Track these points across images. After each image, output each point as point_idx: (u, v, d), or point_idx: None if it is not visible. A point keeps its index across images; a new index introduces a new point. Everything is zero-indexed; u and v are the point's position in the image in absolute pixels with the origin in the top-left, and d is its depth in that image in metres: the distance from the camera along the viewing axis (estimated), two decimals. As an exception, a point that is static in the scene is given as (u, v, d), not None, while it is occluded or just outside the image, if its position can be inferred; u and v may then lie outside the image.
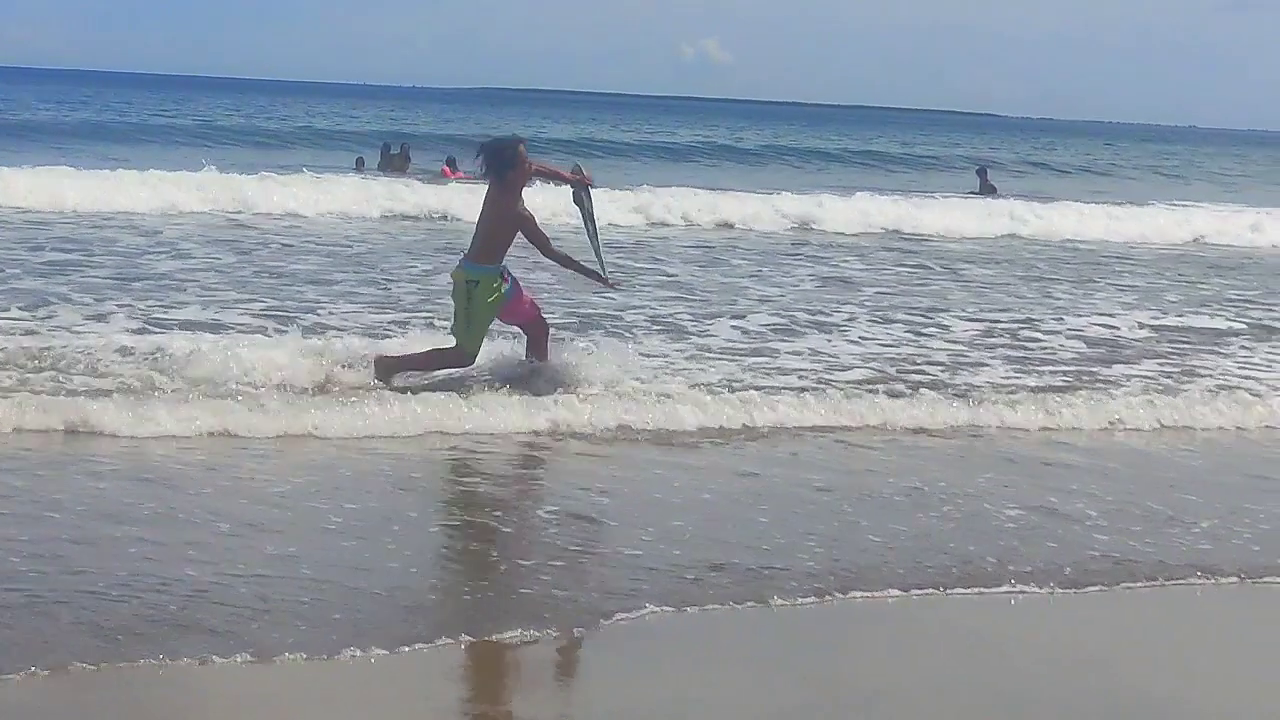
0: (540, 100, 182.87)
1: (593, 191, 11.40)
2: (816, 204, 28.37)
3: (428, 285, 16.28)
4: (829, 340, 13.87)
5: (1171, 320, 16.46)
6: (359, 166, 36.64)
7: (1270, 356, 14.36)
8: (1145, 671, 6.44)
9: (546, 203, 15.01)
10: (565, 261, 11.01)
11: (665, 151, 56.81)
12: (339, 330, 12.73)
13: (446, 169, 34.40)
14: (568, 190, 11.43)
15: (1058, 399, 11.44)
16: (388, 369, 10.63)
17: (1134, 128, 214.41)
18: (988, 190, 37.95)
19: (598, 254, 11.33)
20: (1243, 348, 14.79)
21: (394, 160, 37.28)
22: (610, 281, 11.50)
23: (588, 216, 11.33)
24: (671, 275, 18.70)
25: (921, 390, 11.58)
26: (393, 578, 6.88)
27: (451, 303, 10.90)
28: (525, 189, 10.88)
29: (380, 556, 7.19)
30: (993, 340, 14.35)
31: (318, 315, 13.68)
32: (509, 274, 10.82)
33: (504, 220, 10.68)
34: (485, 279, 10.63)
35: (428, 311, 14.16)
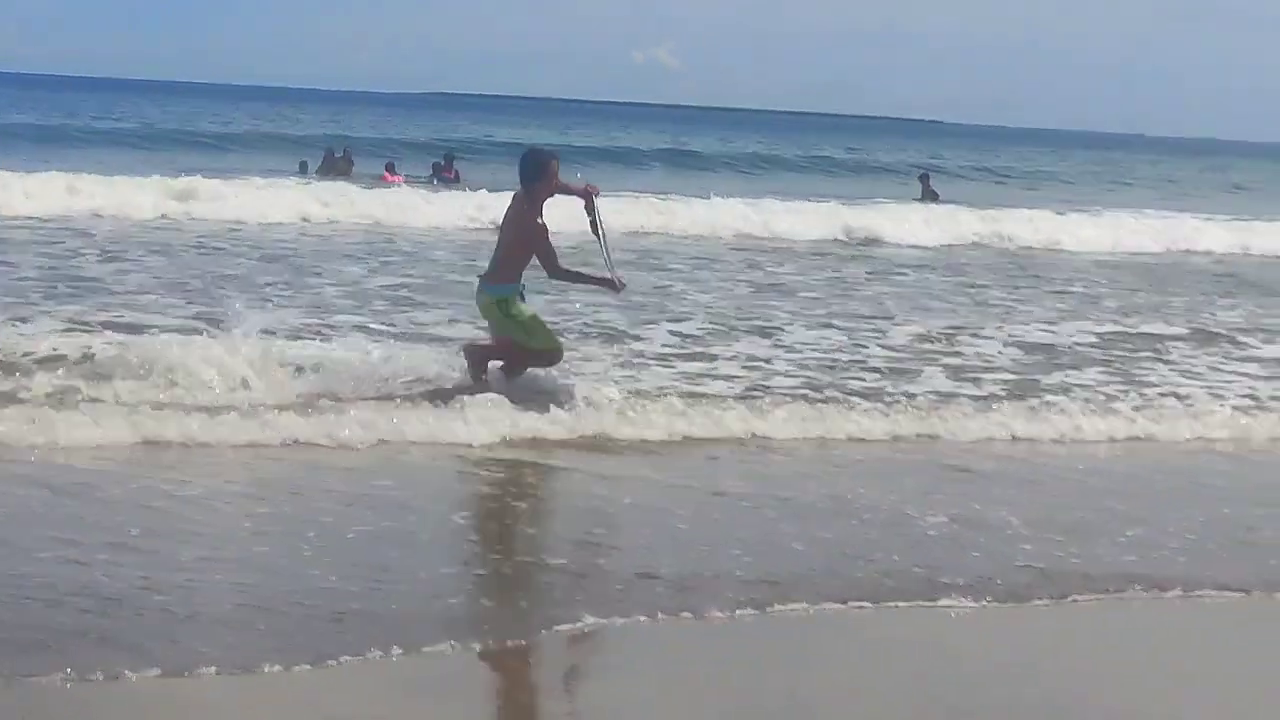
0: (490, 105, 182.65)
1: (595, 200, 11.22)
2: (757, 209, 28.31)
3: (358, 289, 16.19)
4: (764, 346, 13.76)
5: (1110, 327, 16.37)
6: (302, 170, 36.57)
7: (1211, 363, 14.28)
8: (1080, 686, 6.32)
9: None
10: (574, 277, 11.07)
11: (613, 156, 56.75)
12: (270, 334, 12.56)
13: (386, 173, 34.40)
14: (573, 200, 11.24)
15: (996, 407, 11.39)
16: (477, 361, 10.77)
17: (1082, 135, 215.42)
18: (930, 196, 38.07)
19: (608, 259, 11.13)
20: (1186, 356, 14.65)
21: (337, 164, 37.26)
22: (619, 285, 11.22)
23: (597, 224, 11.14)
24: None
25: (854, 399, 11.47)
26: (316, 587, 6.72)
27: (485, 322, 10.95)
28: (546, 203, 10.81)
29: (301, 565, 7.04)
30: (929, 347, 14.26)
31: (247, 318, 13.46)
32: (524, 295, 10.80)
33: (524, 232, 10.63)
34: (509, 297, 10.65)
35: (356, 316, 14.05)
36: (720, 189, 33.85)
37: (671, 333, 14.26)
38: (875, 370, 12.84)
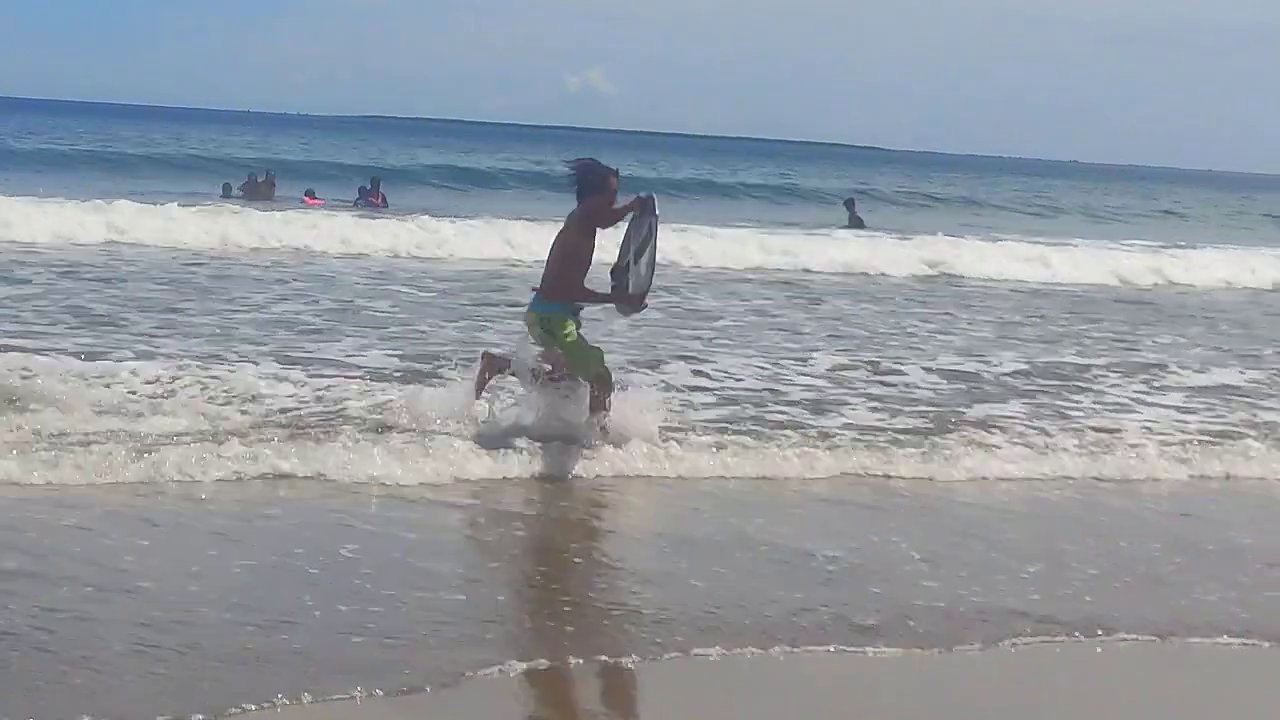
0: (424, 129, 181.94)
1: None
2: (681, 236, 28.03)
3: (264, 314, 15.91)
4: (687, 374, 13.48)
5: (1034, 358, 16.12)
6: (225, 192, 36.28)
7: (1137, 395, 14.00)
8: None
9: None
10: (593, 298, 10.38)
11: (547, 181, 56.55)
12: (171, 356, 12.43)
13: (307, 198, 34.16)
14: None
15: (904, 440, 11.12)
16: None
17: (1016, 162, 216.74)
18: (856, 223, 38.02)
19: (642, 270, 10.35)
20: (1112, 386, 14.34)
21: (260, 187, 36.97)
22: (640, 301, 10.45)
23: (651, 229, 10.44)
24: (521, 304, 18.36)
25: (780, 432, 11.11)
26: (205, 631, 6.42)
27: (533, 339, 10.39)
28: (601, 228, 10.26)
29: (187, 606, 6.74)
30: (851, 375, 14.01)
31: (149, 345, 13.25)
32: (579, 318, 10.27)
33: (574, 248, 10.14)
34: (558, 314, 10.15)
35: (264, 344, 13.73)
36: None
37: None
38: (795, 403, 12.48)
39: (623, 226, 10.31)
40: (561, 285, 10.12)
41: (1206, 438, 11.98)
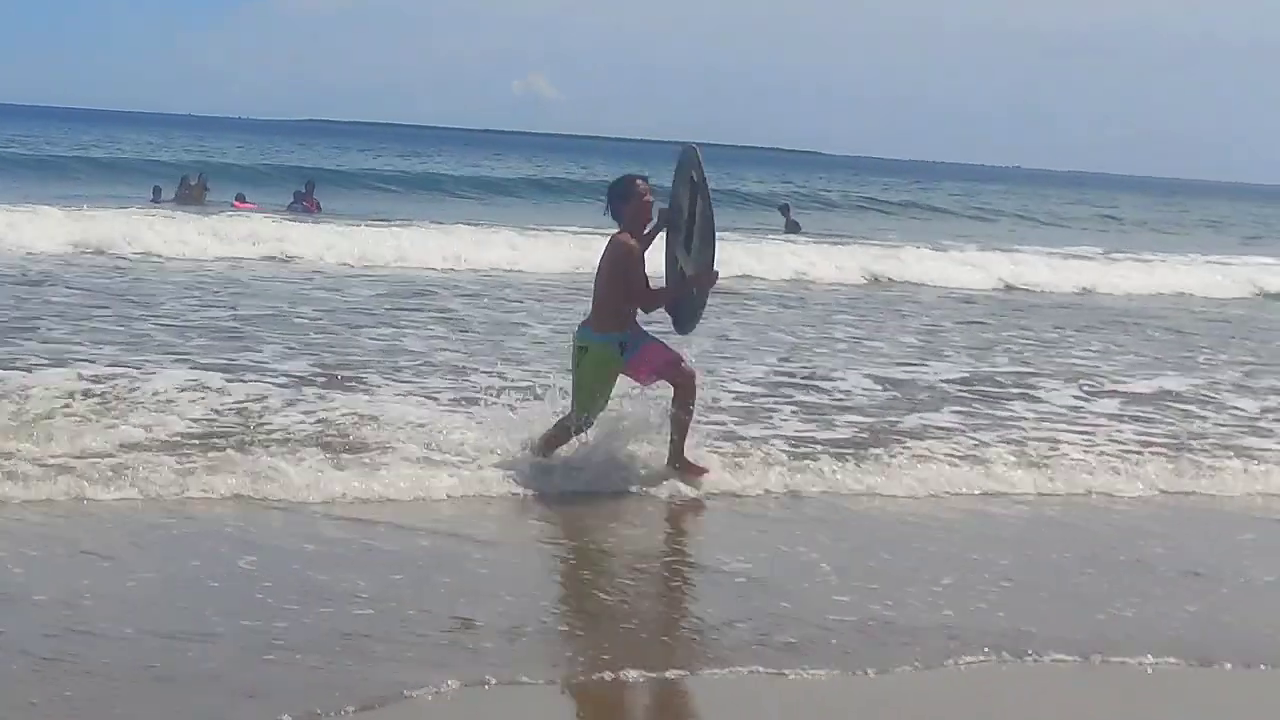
0: (367, 133, 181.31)
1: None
2: (588, 247, 27.69)
3: (182, 321, 15.62)
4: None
5: (967, 365, 15.99)
6: (156, 196, 35.91)
7: (1074, 404, 13.78)
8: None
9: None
10: (660, 297, 9.90)
11: (484, 185, 56.36)
12: (81, 365, 12.19)
13: (237, 202, 33.86)
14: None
15: (830, 451, 10.83)
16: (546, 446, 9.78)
17: (960, 168, 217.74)
18: (792, 228, 37.93)
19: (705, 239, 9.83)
20: (1042, 396, 14.08)
21: (192, 191, 36.58)
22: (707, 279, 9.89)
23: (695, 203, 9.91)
24: (450, 310, 18.23)
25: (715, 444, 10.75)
26: (118, 652, 6.20)
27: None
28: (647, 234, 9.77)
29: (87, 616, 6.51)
30: (783, 381, 13.80)
31: (57, 353, 12.93)
32: (631, 343, 9.71)
33: (615, 267, 9.61)
34: (596, 348, 9.65)
35: (180, 351, 13.45)
36: (585, 221, 33.38)
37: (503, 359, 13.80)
38: (724, 410, 12.15)
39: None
40: (607, 313, 9.68)
41: (1136, 449, 11.76)
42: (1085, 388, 14.63)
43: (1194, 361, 17.71)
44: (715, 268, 9.78)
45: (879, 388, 13.86)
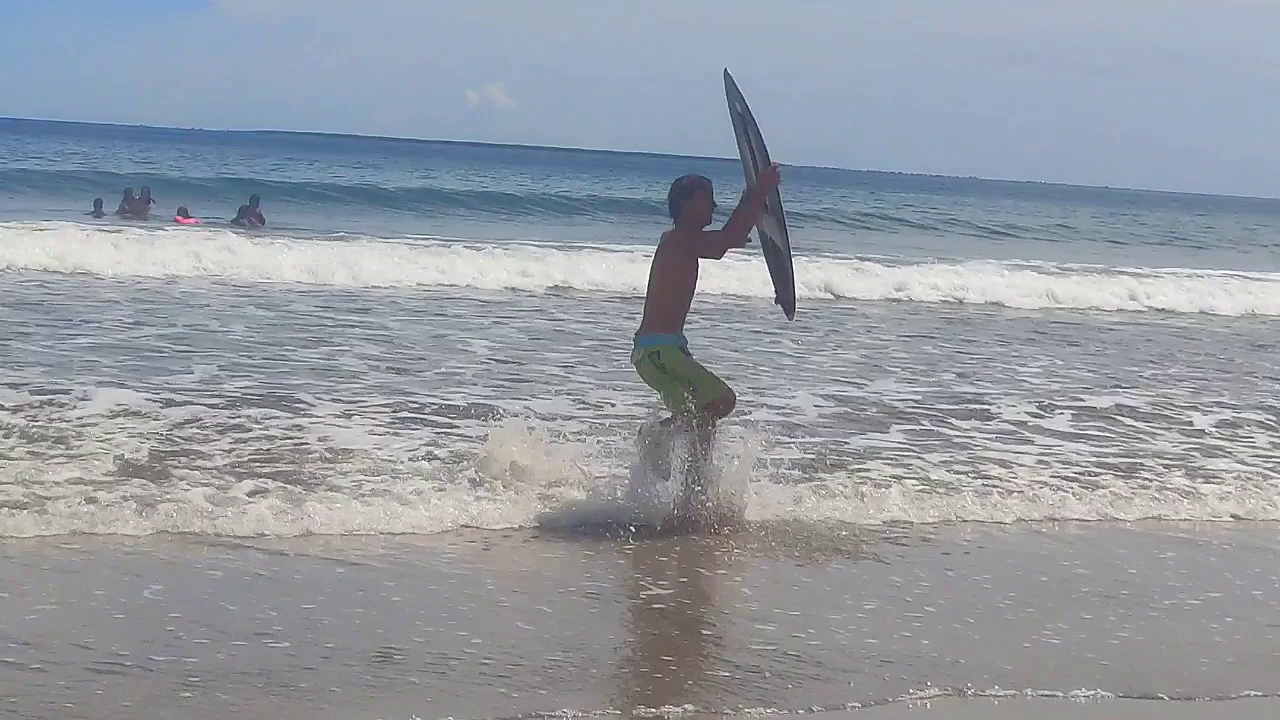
0: (319, 144, 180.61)
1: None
2: (556, 258, 27.56)
3: (111, 340, 15.34)
4: (566, 403, 12.96)
5: (915, 381, 15.83)
6: (97, 210, 35.56)
7: (1013, 422, 13.59)
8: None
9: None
10: (735, 226, 9.32)
11: (435, 198, 56.12)
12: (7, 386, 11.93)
13: (179, 217, 33.56)
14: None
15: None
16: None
17: (915, 179, 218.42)
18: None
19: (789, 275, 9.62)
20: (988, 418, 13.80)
21: (135, 205, 36.28)
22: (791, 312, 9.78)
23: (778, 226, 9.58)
24: (388, 328, 18.01)
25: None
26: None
27: (652, 389, 9.56)
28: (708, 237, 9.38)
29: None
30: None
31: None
32: (688, 350, 9.38)
33: (676, 269, 9.29)
34: (666, 349, 9.23)
35: (107, 373, 13.17)
36: (535, 234, 33.38)
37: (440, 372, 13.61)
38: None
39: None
40: (663, 315, 9.31)
41: (1081, 471, 11.62)
42: (1043, 404, 14.51)
43: (1140, 378, 17.63)
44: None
45: (827, 405, 13.70)
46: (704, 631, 7.36)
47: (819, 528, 9.54)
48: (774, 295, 9.88)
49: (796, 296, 9.79)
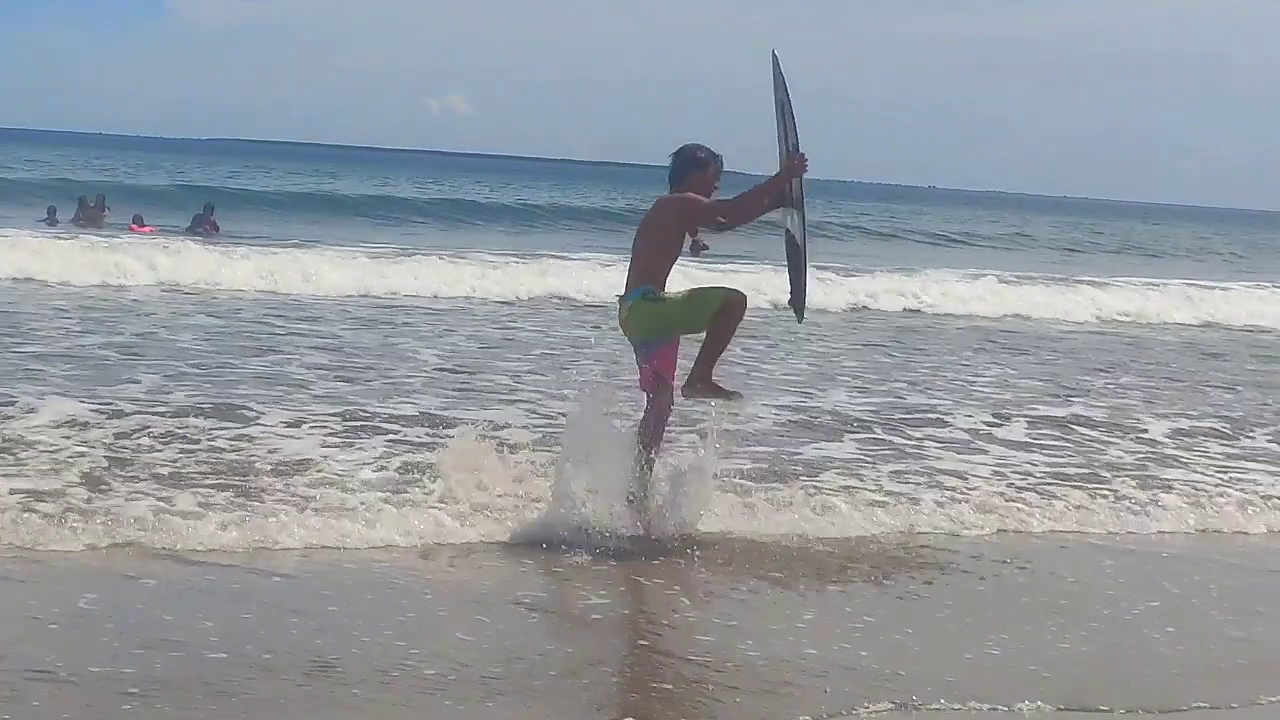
0: (280, 152, 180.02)
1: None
2: (510, 267, 27.43)
3: (55, 349, 15.21)
4: (512, 413, 12.82)
5: (865, 390, 15.79)
6: (51, 218, 35.27)
7: (982, 426, 13.67)
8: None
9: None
10: (755, 200, 9.17)
11: (397, 205, 55.96)
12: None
13: (134, 225, 33.36)
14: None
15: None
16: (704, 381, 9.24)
17: (874, 188, 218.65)
18: (697, 248, 37.74)
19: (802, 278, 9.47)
20: (951, 422, 13.87)
21: (90, 213, 36.02)
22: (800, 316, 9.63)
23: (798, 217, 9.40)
24: (338, 337, 17.94)
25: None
26: None
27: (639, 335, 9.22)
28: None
29: None
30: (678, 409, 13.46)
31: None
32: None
33: (667, 232, 9.13)
34: (649, 292, 9.07)
35: (50, 383, 13.04)
36: (492, 242, 33.26)
37: (388, 382, 13.46)
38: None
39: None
40: (649, 274, 9.13)
41: (1031, 482, 11.58)
42: (999, 413, 14.50)
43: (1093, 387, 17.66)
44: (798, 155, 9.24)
45: (779, 414, 13.65)
46: (642, 642, 7.31)
47: (762, 538, 9.49)
48: (788, 296, 9.69)
49: (807, 302, 9.65)
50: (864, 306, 27.30)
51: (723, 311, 9.16)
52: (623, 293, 9.29)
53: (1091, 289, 32.31)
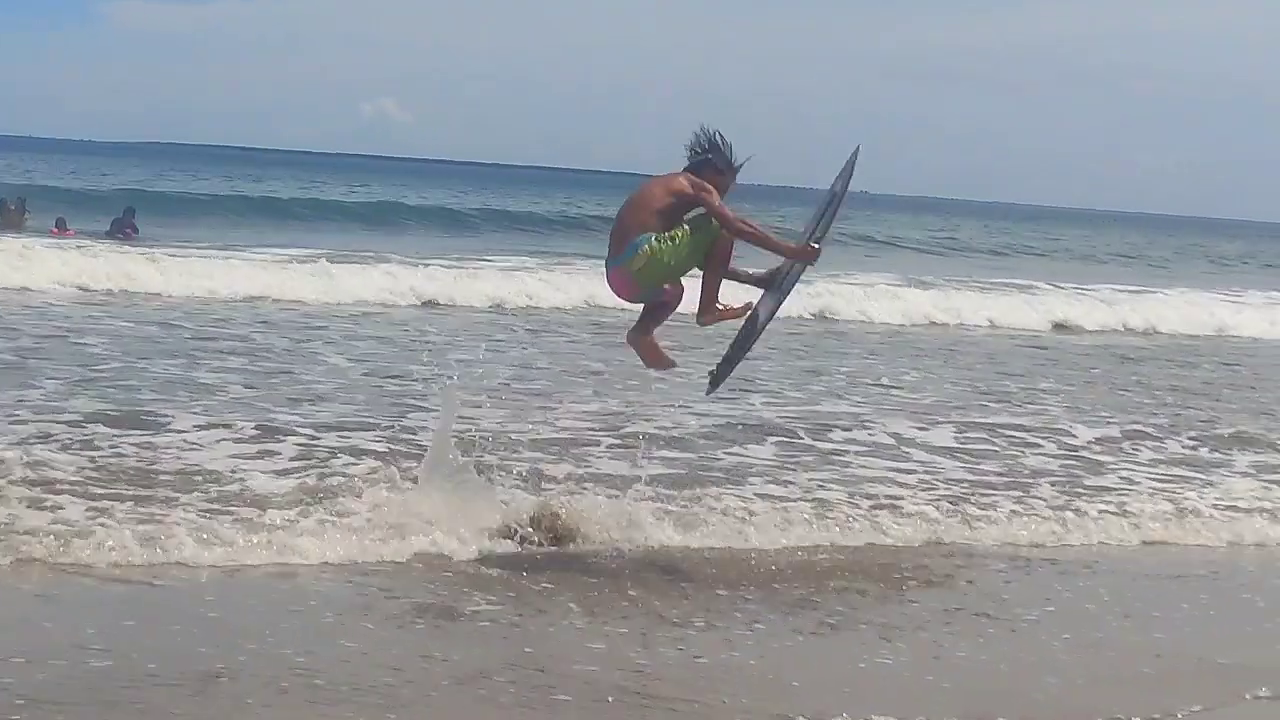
0: (213, 156, 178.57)
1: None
2: (430, 271, 27.17)
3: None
4: (409, 418, 12.66)
5: (784, 394, 15.71)
6: (-32, 221, 34.79)
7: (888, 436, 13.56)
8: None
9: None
10: (754, 235, 8.94)
11: (318, 208, 55.59)
12: None
13: (56, 228, 32.98)
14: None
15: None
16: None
17: (805, 192, 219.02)
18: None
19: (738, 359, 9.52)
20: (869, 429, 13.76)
21: (10, 215, 35.55)
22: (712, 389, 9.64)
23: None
24: (250, 340, 17.81)
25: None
26: None
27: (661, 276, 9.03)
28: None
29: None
30: (598, 416, 13.43)
31: None
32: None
33: (669, 197, 8.91)
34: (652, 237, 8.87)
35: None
36: (418, 246, 33.03)
37: (290, 398, 13.31)
38: (539, 445, 11.84)
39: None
40: (651, 227, 8.91)
41: (939, 489, 11.54)
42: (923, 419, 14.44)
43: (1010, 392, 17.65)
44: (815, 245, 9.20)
45: (701, 421, 13.54)
46: (527, 650, 7.21)
47: (663, 543, 9.44)
48: (715, 365, 9.65)
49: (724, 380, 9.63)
50: (786, 313, 26.99)
51: (718, 243, 9.03)
52: (626, 243, 8.99)
53: (1018, 294, 32.38)
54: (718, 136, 9.08)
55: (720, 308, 9.24)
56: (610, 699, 6.60)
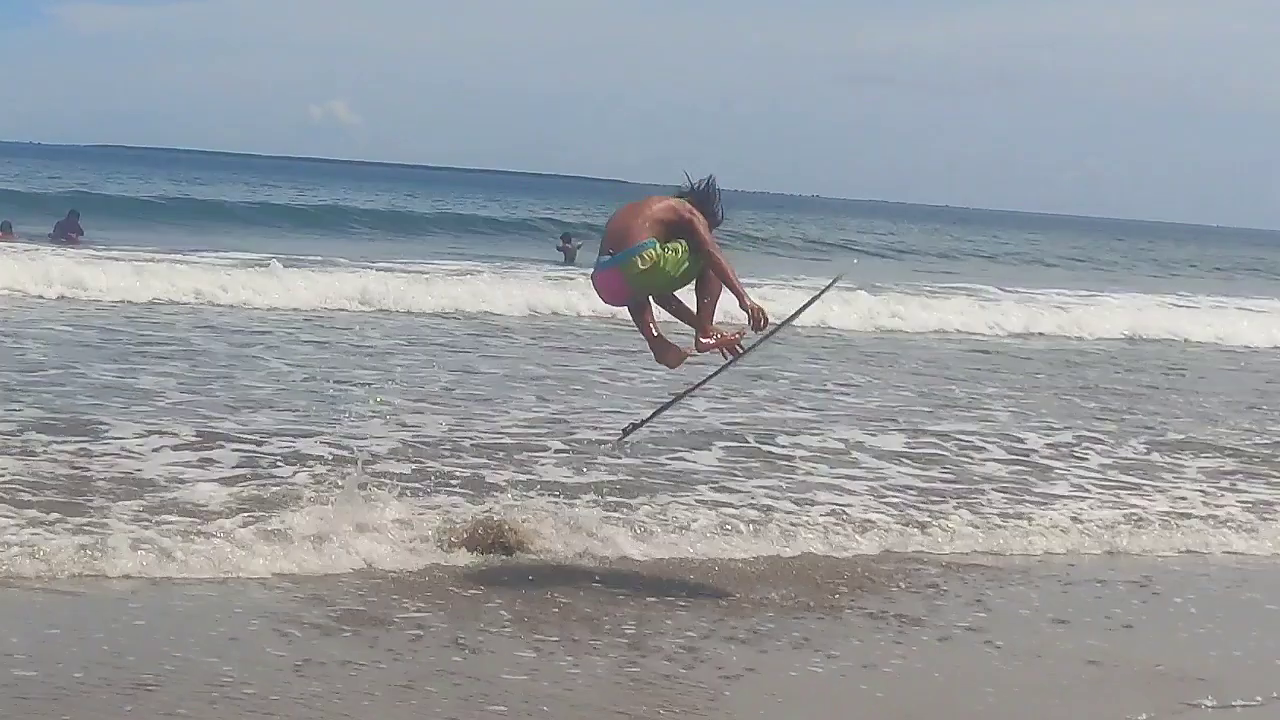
0: (161, 159, 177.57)
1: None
2: (373, 275, 27.04)
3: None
4: (350, 425, 12.49)
5: (722, 404, 15.55)
6: (-91, 227, 34.37)
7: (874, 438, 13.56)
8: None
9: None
10: (724, 271, 9.09)
11: (281, 214, 55.35)
12: None
13: (0, 232, 32.70)
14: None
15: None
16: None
17: (758, 197, 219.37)
18: (570, 258, 37.74)
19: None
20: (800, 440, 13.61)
21: (-47, 220, 35.13)
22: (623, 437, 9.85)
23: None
24: (190, 344, 17.67)
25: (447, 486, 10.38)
26: None
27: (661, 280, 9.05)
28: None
29: None
30: (543, 422, 13.35)
31: None
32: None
33: (661, 215, 9.01)
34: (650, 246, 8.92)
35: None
36: (364, 250, 32.88)
37: (229, 404, 13.20)
38: (479, 449, 11.81)
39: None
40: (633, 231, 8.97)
41: (888, 497, 11.48)
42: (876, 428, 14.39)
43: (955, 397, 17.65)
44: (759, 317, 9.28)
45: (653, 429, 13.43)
46: (457, 659, 7.16)
47: (600, 553, 9.38)
48: (640, 419, 9.77)
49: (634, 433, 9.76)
50: (730, 318, 26.89)
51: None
52: (626, 247, 8.99)
53: (965, 299, 32.35)
54: (715, 187, 9.30)
55: (719, 335, 9.38)
56: (545, 708, 6.55)
